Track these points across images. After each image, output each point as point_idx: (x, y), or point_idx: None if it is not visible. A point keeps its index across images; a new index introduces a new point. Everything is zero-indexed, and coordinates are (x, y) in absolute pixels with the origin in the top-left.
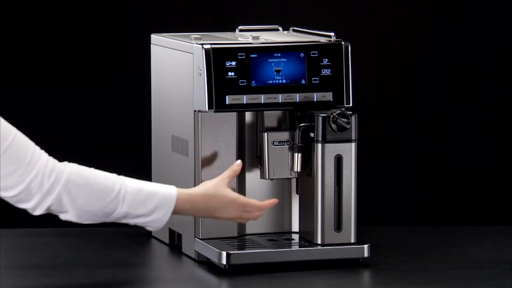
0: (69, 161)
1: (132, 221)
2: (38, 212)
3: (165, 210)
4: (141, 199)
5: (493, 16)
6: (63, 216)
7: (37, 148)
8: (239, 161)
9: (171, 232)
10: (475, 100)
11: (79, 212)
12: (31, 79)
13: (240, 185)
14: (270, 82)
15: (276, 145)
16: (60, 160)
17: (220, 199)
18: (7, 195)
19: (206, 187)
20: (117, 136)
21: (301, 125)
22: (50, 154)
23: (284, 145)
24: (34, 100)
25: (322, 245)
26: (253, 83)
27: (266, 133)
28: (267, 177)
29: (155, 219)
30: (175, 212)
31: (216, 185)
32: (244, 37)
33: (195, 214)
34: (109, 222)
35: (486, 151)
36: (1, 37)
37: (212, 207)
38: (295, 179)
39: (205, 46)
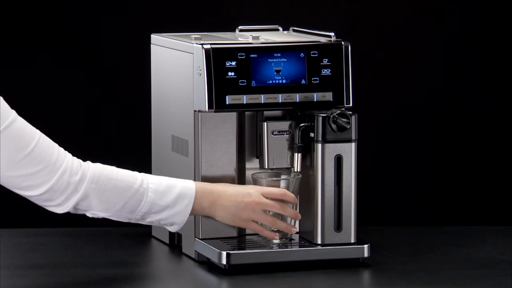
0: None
1: (157, 217)
2: (64, 210)
3: (187, 200)
4: (164, 189)
5: (493, 16)
6: (89, 214)
7: (62, 149)
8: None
9: (171, 232)
10: (474, 100)
11: (106, 206)
12: (31, 79)
13: (239, 182)
14: (270, 82)
15: (275, 134)
16: None
17: (238, 186)
18: (32, 194)
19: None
20: (117, 136)
21: (301, 125)
22: None
23: (283, 134)
24: (33, 100)
25: (322, 245)
26: (253, 83)
27: (265, 123)
28: (266, 167)
29: (179, 211)
30: (196, 204)
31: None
32: (244, 37)
33: (214, 207)
34: (135, 221)
35: (486, 151)
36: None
37: (230, 192)
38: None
39: (205, 46)
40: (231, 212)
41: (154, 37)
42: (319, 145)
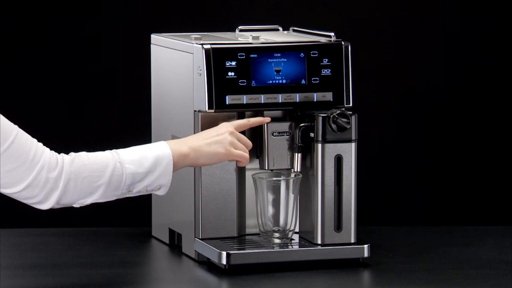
0: None
1: (142, 185)
2: (47, 206)
3: (166, 159)
4: (139, 157)
5: (493, 16)
6: (76, 204)
7: (40, 144)
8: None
9: (171, 232)
10: (475, 100)
11: (90, 190)
12: (31, 79)
13: (240, 182)
14: (270, 82)
15: (275, 135)
16: None
17: (207, 130)
18: (11, 191)
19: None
20: (117, 136)
21: (301, 125)
22: None
23: (283, 135)
24: (33, 100)
25: (322, 245)
26: (253, 83)
27: (265, 124)
28: (266, 168)
29: (162, 172)
30: (175, 157)
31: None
32: (244, 37)
33: (194, 151)
34: (122, 196)
35: (486, 151)
36: None
37: (203, 134)
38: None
39: (205, 46)
40: (212, 149)
41: (154, 37)
42: (319, 145)
